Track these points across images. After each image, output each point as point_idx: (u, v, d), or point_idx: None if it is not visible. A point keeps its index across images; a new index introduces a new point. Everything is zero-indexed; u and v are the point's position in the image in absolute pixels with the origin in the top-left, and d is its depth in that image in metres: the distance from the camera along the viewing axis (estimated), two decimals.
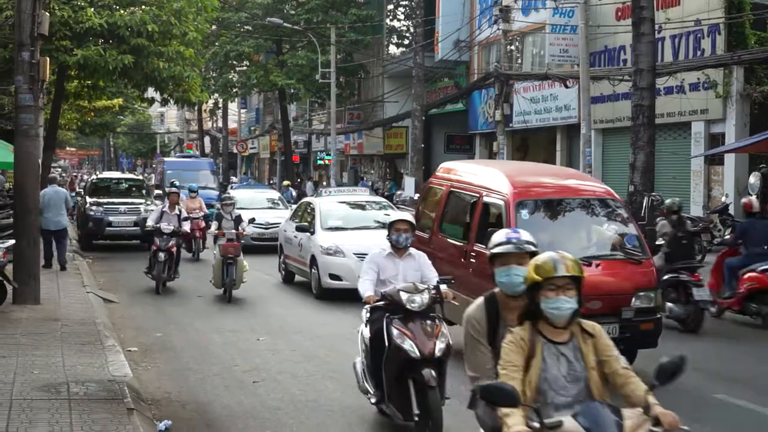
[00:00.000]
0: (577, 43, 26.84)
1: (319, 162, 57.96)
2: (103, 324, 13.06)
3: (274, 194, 30.58)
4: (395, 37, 47.51)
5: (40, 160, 15.44)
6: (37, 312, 13.78)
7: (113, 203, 26.64)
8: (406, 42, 45.78)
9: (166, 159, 48.11)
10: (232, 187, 36.97)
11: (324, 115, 52.26)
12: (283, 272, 19.82)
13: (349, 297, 16.14)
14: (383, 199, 21.70)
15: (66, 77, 25.30)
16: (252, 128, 71.62)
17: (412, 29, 42.79)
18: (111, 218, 26.10)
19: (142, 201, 27.08)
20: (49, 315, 13.56)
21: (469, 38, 36.87)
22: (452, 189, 12.97)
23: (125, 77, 24.14)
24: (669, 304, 13.60)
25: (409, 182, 36.09)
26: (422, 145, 37.42)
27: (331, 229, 18.00)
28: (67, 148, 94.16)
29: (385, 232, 9.27)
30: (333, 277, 16.76)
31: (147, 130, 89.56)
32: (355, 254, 16.23)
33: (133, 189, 29.06)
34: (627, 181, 20.67)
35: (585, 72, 24.53)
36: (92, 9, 22.47)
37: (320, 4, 43.56)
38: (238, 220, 17.73)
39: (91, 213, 26.19)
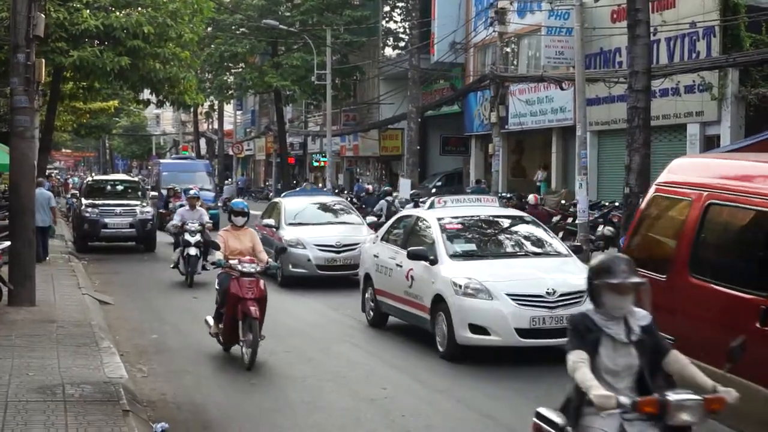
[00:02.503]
0: (573, 45, 26.80)
1: (315, 164, 58.00)
2: (98, 326, 13.05)
3: (343, 203, 23.52)
4: (391, 38, 47.54)
5: (35, 162, 15.43)
6: (32, 314, 13.77)
7: (108, 205, 26.61)
8: (402, 44, 45.79)
9: (161, 161, 46.79)
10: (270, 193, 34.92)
11: (320, 116, 52.31)
12: (371, 312, 14.45)
13: (348, 294, 16.17)
14: (515, 211, 15.95)
15: (61, 79, 25.29)
16: (248, 130, 71.61)
17: (407, 31, 42.80)
18: (106, 220, 26.08)
19: (138, 203, 27.05)
20: (45, 317, 13.54)
21: (465, 40, 36.86)
22: (718, 201, 7.96)
23: (121, 79, 24.13)
24: None
25: (404, 184, 36.08)
26: (418, 147, 37.46)
27: (462, 256, 12.63)
28: (63, 150, 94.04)
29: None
30: (475, 329, 11.49)
31: (142, 132, 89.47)
32: (508, 294, 11.44)
33: (129, 191, 29.03)
34: (622, 183, 20.71)
35: (580, 74, 24.52)
36: (88, 11, 22.46)
37: (315, 5, 43.57)
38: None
39: (87, 215, 26.16)
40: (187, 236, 19.22)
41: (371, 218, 22.97)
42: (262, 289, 11.50)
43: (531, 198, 27.38)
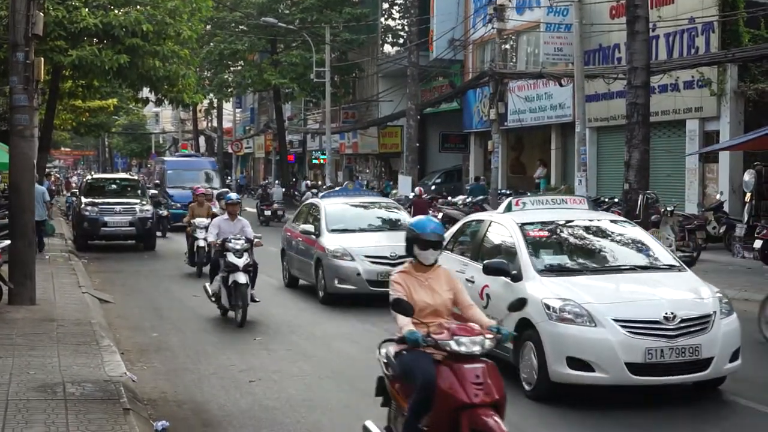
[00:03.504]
0: (572, 41, 26.86)
1: (315, 161, 58.01)
2: (98, 324, 13.05)
3: (393, 205, 19.76)
4: (390, 36, 47.55)
5: (35, 161, 15.43)
6: (33, 312, 13.77)
7: (108, 203, 26.63)
8: (401, 41, 45.80)
9: (166, 158, 45.54)
10: (312, 193, 32.61)
11: (319, 114, 52.32)
12: None
13: (348, 296, 16.16)
14: (613, 215, 14.25)
15: (60, 77, 25.27)
16: (247, 128, 71.62)
17: (406, 28, 42.80)
18: (106, 218, 26.11)
19: (138, 201, 27.06)
20: (45, 315, 13.54)
21: (464, 37, 36.88)
22: None
23: (120, 77, 24.11)
24: None
25: (404, 181, 36.10)
26: (417, 144, 37.47)
27: (552, 271, 10.27)
28: (62, 149, 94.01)
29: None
30: (575, 363, 9.21)
31: (142, 131, 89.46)
32: (615, 320, 9.22)
33: (128, 189, 29.02)
34: (622, 179, 20.73)
35: (579, 70, 24.55)
36: (87, 9, 22.43)
37: (315, 3, 43.57)
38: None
39: (86, 213, 26.17)
40: (231, 257, 14.26)
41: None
42: (500, 382, 6.37)
43: (416, 190, 28.35)
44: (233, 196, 15.59)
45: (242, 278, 14.01)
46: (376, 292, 15.28)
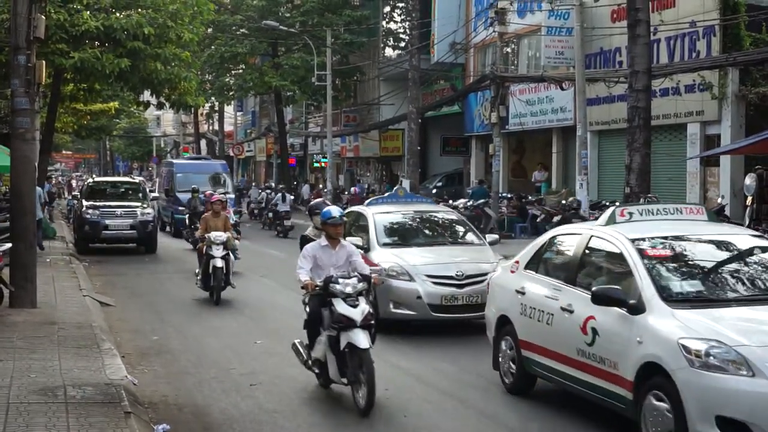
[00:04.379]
0: (573, 45, 26.87)
1: (316, 165, 58.03)
2: (99, 327, 13.05)
3: (453, 214, 16.87)
4: (391, 39, 47.57)
5: (36, 164, 15.44)
6: (33, 315, 13.77)
7: (109, 206, 26.63)
8: (402, 44, 45.82)
9: (175, 161, 42.21)
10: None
11: (320, 117, 52.34)
12: (511, 374, 10.12)
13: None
14: (746, 230, 11.83)
15: (62, 80, 25.29)
16: (248, 131, 71.66)
17: (407, 31, 42.81)
18: (107, 221, 26.09)
19: (139, 204, 27.06)
20: (46, 318, 13.54)
21: (465, 40, 36.87)
22: None
23: (121, 80, 24.13)
24: None
25: (405, 185, 36.08)
26: (418, 148, 37.45)
27: (685, 302, 8.11)
28: (63, 152, 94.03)
29: None
30: (728, 426, 7.07)
31: (143, 134, 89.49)
32: None
33: (129, 192, 29.03)
34: (623, 183, 20.69)
35: (581, 74, 24.55)
36: (88, 12, 22.46)
37: (315, 6, 43.59)
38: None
39: (88, 216, 26.17)
40: (341, 307, 9.67)
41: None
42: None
43: (352, 189, 27.95)
44: (334, 211, 10.48)
45: (363, 340, 9.35)
46: (440, 318, 13.24)
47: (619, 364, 8.05)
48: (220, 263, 16.73)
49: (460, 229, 15.56)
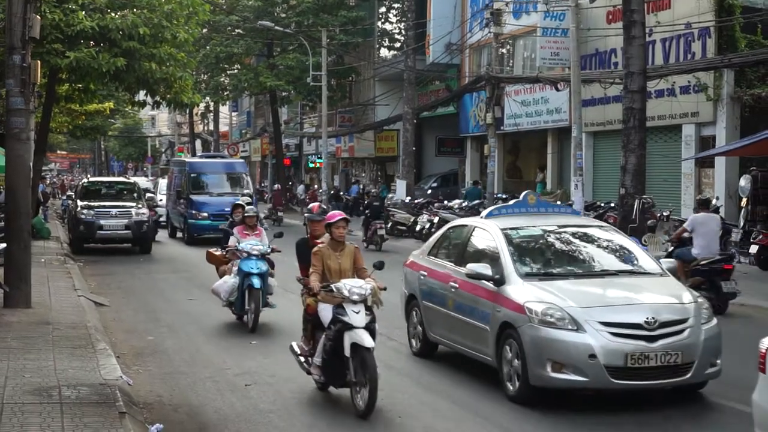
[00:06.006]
0: (568, 46, 26.89)
1: (311, 165, 58.02)
2: (94, 327, 13.04)
3: (611, 230, 11.99)
4: (386, 39, 47.60)
5: (31, 164, 15.41)
6: (28, 316, 13.75)
7: (104, 207, 26.61)
8: (398, 45, 45.84)
9: (188, 159, 37.72)
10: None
11: (315, 118, 52.30)
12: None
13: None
14: None
15: (57, 80, 25.23)
16: (243, 131, 71.63)
17: (403, 32, 42.85)
18: (102, 222, 26.08)
19: (133, 204, 27.04)
20: (41, 318, 13.53)
21: (461, 41, 36.90)
22: None
23: (117, 80, 24.08)
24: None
25: (400, 185, 36.10)
26: (413, 148, 37.47)
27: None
28: (58, 152, 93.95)
29: None
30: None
31: (138, 134, 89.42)
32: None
33: (124, 192, 29.00)
34: (618, 184, 20.73)
35: (576, 75, 24.57)
36: (83, 12, 22.40)
37: (311, 6, 43.59)
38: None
39: (82, 216, 26.15)
40: None
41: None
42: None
43: (275, 186, 27.79)
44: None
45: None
46: (623, 387, 9.29)
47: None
48: (258, 283, 13.73)
49: (628, 251, 11.13)
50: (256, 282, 13.73)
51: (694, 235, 15.78)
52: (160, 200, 35.00)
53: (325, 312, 9.60)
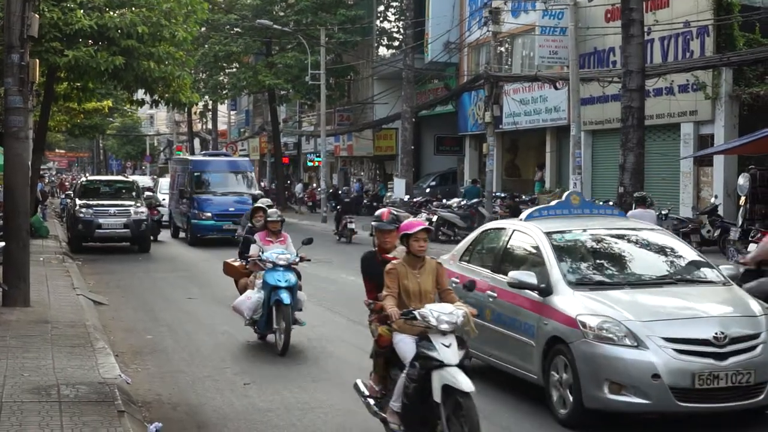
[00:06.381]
0: (567, 44, 26.89)
1: (309, 164, 58.01)
2: (93, 326, 13.03)
3: (667, 235, 10.88)
4: (385, 38, 47.59)
5: (29, 163, 15.41)
6: (27, 314, 13.74)
7: (103, 205, 26.62)
8: (396, 43, 45.83)
9: (191, 158, 36.01)
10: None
11: (314, 116, 52.31)
12: None
13: (340, 298, 16.12)
14: None
15: (55, 79, 25.22)
16: (242, 130, 71.61)
17: (401, 30, 42.84)
18: (100, 220, 26.08)
19: (132, 203, 27.04)
20: (39, 317, 13.51)
21: (459, 40, 36.91)
22: None
23: (115, 79, 24.08)
24: None
25: (398, 184, 36.11)
26: (412, 147, 37.49)
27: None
28: (57, 150, 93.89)
29: None
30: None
31: (136, 133, 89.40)
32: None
33: (123, 191, 29.00)
34: (616, 183, 20.73)
35: (574, 74, 24.59)
36: (82, 11, 22.39)
37: (309, 5, 43.61)
38: None
39: (81, 215, 26.15)
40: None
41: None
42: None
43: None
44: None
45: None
46: (689, 410, 8.36)
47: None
48: (287, 298, 12.13)
49: (687, 258, 10.07)
50: (285, 297, 11.99)
51: None
52: (163, 200, 34.85)
53: (404, 344, 7.64)
